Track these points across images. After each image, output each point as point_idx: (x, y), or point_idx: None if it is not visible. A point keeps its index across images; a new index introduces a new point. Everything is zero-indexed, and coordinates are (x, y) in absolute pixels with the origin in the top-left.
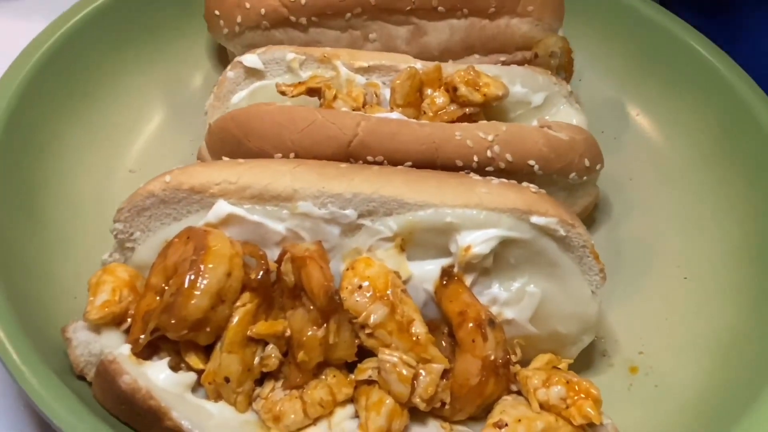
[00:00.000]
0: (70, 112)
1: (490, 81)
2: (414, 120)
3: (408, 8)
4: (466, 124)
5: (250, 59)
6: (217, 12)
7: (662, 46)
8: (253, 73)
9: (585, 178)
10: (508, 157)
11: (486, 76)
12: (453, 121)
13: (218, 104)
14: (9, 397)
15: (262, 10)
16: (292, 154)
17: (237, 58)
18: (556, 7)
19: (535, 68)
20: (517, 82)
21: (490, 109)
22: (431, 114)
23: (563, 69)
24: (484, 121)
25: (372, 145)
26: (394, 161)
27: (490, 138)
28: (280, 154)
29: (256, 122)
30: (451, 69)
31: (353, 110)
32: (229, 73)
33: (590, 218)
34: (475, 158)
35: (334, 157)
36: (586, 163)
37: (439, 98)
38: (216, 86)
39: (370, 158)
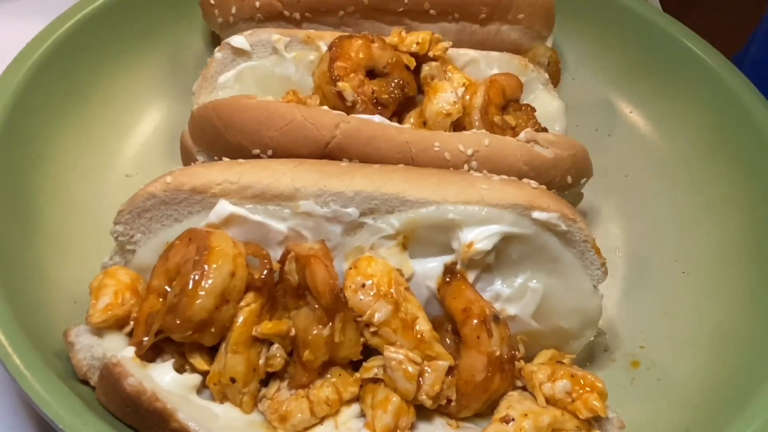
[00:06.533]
0: (66, 115)
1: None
2: (395, 124)
3: (400, 9)
4: (447, 134)
5: (238, 41)
6: (212, 1)
7: (655, 44)
8: (240, 54)
9: (566, 192)
10: (485, 173)
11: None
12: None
13: (205, 84)
14: (9, 398)
15: (257, 3)
16: (269, 151)
17: (225, 40)
18: (547, 15)
19: (513, 54)
20: (495, 66)
21: None
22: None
23: (551, 78)
24: (467, 132)
25: (349, 149)
26: None
27: (469, 152)
28: (258, 150)
29: (236, 116)
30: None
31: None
32: (217, 54)
33: (588, 215)
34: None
35: (311, 157)
36: (569, 180)
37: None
38: (204, 68)
39: (346, 160)
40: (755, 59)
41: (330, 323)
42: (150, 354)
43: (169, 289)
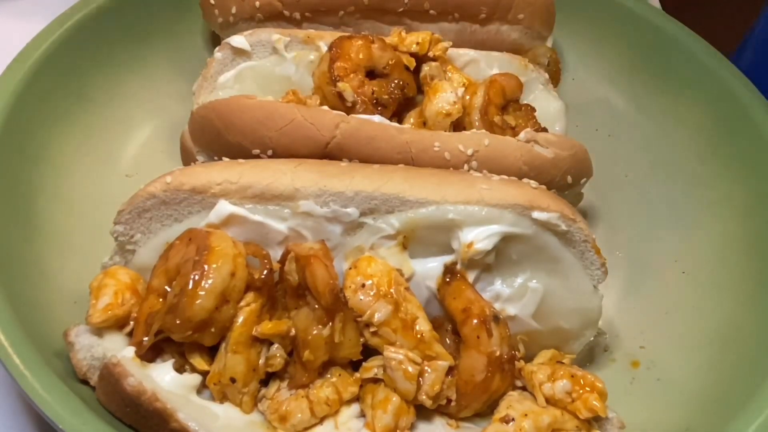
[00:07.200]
0: (66, 115)
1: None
2: (395, 124)
3: (400, 9)
4: (447, 134)
5: (238, 40)
6: (212, 1)
7: (654, 44)
8: (240, 54)
9: (566, 192)
10: (485, 173)
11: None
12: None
13: (205, 84)
14: (9, 398)
15: (257, 3)
16: (269, 151)
17: (225, 40)
18: (547, 15)
19: (513, 54)
20: (495, 66)
21: None
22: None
23: (551, 78)
24: (467, 132)
25: (348, 149)
26: None
27: (469, 152)
28: (258, 150)
29: (236, 116)
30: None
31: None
32: (217, 54)
33: (588, 215)
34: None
35: (311, 157)
36: (569, 180)
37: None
38: (204, 68)
39: (346, 160)
40: (749, 64)
41: (330, 323)
42: (150, 354)
43: (169, 289)
